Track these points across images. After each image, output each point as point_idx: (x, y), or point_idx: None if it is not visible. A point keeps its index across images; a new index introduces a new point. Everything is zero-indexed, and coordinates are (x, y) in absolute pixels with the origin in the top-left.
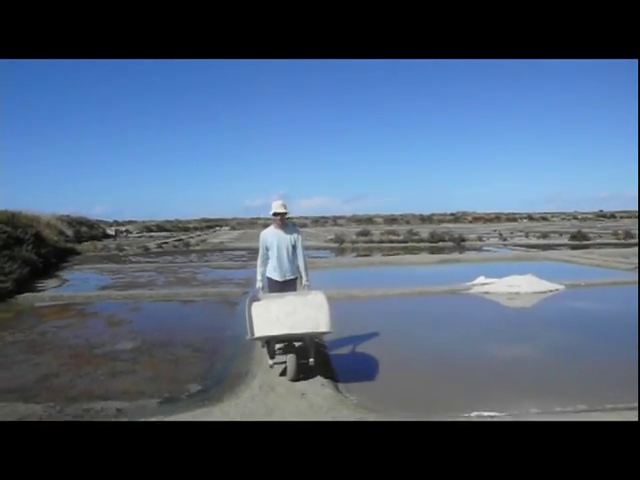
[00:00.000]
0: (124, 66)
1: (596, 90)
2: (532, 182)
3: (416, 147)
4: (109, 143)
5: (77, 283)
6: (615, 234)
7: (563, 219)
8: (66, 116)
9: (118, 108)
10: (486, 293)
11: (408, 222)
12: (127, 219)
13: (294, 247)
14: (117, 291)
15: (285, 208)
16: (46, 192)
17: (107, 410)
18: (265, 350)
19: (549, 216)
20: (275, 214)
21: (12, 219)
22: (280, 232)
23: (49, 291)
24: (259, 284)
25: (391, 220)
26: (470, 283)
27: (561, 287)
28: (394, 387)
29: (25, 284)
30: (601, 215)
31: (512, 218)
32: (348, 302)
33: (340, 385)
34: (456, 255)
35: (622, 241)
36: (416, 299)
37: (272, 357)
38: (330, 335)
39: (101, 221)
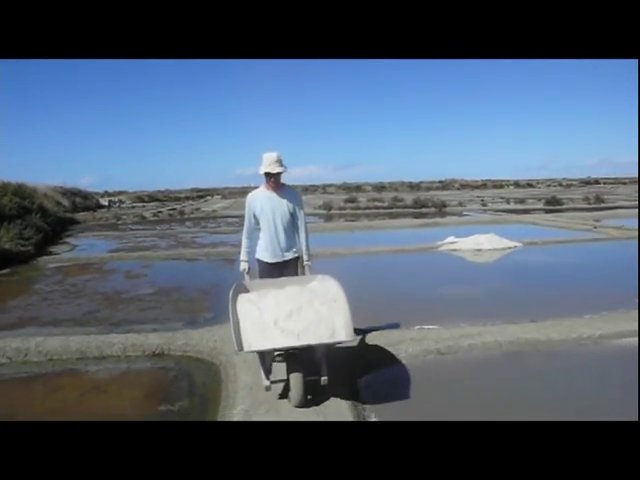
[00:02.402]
0: None
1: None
2: (522, 150)
3: (407, 116)
4: (96, 115)
5: (87, 248)
6: (586, 199)
7: (548, 186)
8: (52, 88)
9: (105, 80)
10: (453, 250)
11: (396, 190)
12: (117, 190)
13: (292, 215)
14: (127, 253)
15: (281, 165)
16: (33, 163)
17: (145, 329)
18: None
19: (535, 183)
20: (267, 175)
21: (19, 190)
22: (273, 195)
23: (64, 254)
24: (244, 265)
25: (380, 188)
26: (441, 242)
27: (519, 244)
28: (359, 310)
29: (41, 249)
30: (586, 182)
31: (499, 185)
32: (332, 258)
33: None
34: (436, 219)
35: (592, 205)
36: (392, 255)
37: (268, 374)
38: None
39: (92, 192)
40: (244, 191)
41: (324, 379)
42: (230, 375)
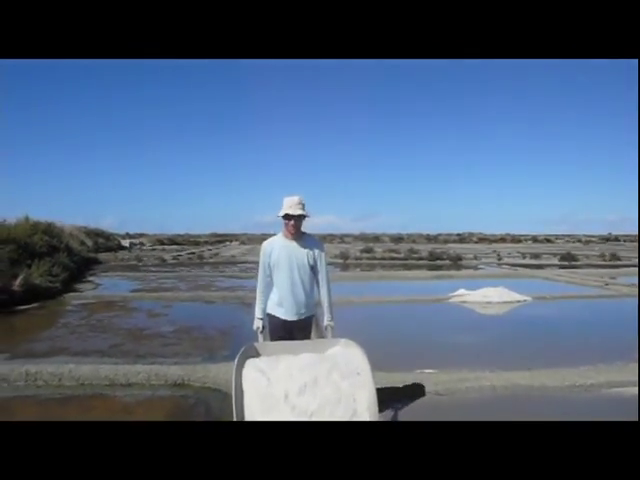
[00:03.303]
0: (131, 72)
1: (607, 107)
2: (542, 203)
3: (426, 167)
4: (117, 155)
5: (109, 287)
6: (602, 256)
7: (567, 241)
8: (74, 128)
9: (126, 120)
10: (463, 302)
11: (414, 241)
12: (137, 232)
13: (313, 268)
14: (148, 293)
15: (303, 209)
16: (56, 203)
17: (167, 362)
18: None
19: (553, 238)
20: (287, 217)
21: (48, 229)
22: (292, 244)
23: (89, 292)
24: (258, 323)
25: (397, 239)
26: (451, 294)
27: (528, 298)
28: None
29: (68, 286)
30: (606, 238)
31: (517, 239)
32: (346, 306)
33: None
34: (451, 272)
35: (608, 262)
36: (403, 305)
37: None
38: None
39: (114, 233)
40: (263, 238)
41: None
42: None
